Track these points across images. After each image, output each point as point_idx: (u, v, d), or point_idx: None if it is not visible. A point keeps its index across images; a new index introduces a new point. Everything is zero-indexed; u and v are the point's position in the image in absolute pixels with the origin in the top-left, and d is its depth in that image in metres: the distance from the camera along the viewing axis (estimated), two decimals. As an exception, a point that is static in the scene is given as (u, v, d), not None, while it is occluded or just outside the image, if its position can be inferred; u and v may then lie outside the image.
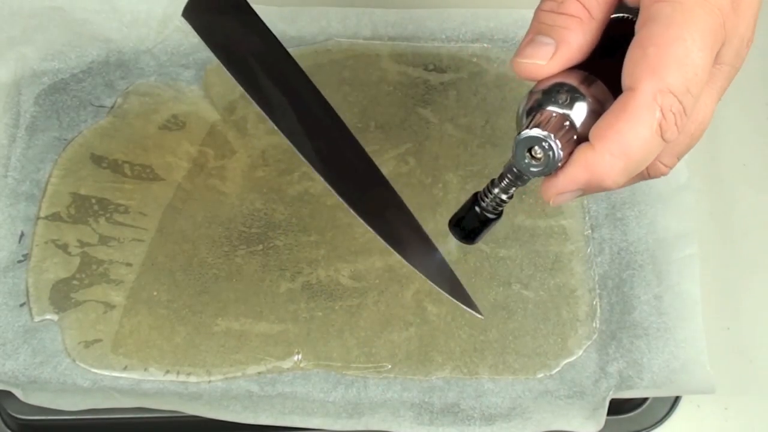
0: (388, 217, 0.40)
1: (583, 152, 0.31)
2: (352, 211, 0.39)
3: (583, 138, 0.31)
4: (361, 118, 0.55)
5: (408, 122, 0.56)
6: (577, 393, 0.47)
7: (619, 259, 0.51)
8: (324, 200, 0.53)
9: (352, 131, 0.42)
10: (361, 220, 0.39)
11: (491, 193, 0.35)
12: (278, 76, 0.41)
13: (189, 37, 0.58)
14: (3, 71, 0.55)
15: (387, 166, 0.54)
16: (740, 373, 0.50)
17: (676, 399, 0.49)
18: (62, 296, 0.49)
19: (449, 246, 0.40)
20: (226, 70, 0.40)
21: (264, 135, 0.55)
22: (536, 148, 0.31)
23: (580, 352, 0.49)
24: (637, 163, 0.31)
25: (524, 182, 0.33)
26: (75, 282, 0.50)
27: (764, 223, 0.55)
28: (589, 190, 0.32)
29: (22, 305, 0.49)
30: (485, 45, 0.59)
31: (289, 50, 0.57)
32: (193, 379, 0.47)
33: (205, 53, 0.57)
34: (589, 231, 0.52)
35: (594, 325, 0.50)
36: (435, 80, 0.57)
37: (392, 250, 0.39)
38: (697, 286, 0.49)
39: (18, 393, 0.45)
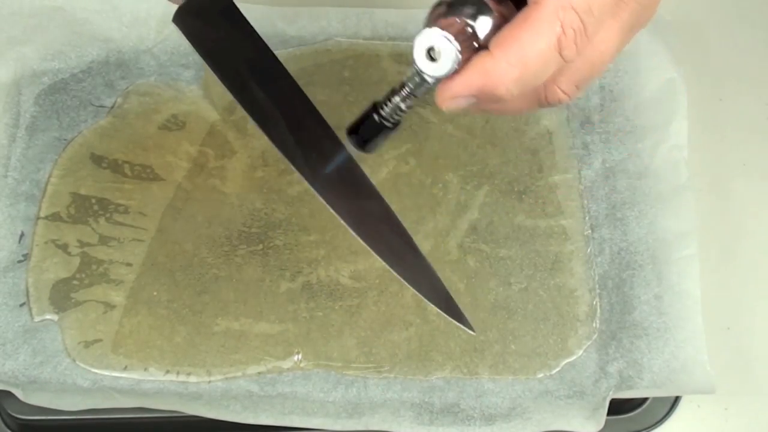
0: (378, 228, 0.41)
1: (480, 58, 0.32)
2: (342, 221, 0.40)
3: (483, 48, 0.32)
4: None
5: (408, 122, 0.56)
6: (577, 393, 0.47)
7: (619, 259, 0.51)
8: (324, 200, 0.53)
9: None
10: (352, 231, 0.40)
11: (391, 102, 0.35)
12: (268, 83, 0.41)
13: (189, 37, 0.58)
14: (3, 71, 0.55)
15: (387, 166, 0.54)
16: (740, 373, 0.50)
17: (676, 399, 0.49)
18: (62, 296, 0.49)
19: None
20: (217, 77, 0.40)
21: (264, 135, 0.55)
22: (435, 48, 0.32)
23: (580, 352, 0.49)
24: (533, 74, 0.31)
25: (423, 91, 0.34)
26: (75, 282, 0.50)
27: (764, 223, 0.55)
28: (482, 98, 0.32)
29: (22, 305, 0.49)
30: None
31: (289, 50, 0.58)
32: (193, 379, 0.47)
33: (205, 53, 0.57)
34: (589, 231, 0.52)
35: (594, 325, 0.50)
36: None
37: (382, 261, 0.40)
38: (697, 286, 0.49)
39: (18, 393, 0.45)
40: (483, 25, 0.32)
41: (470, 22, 0.32)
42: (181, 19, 0.42)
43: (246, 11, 0.43)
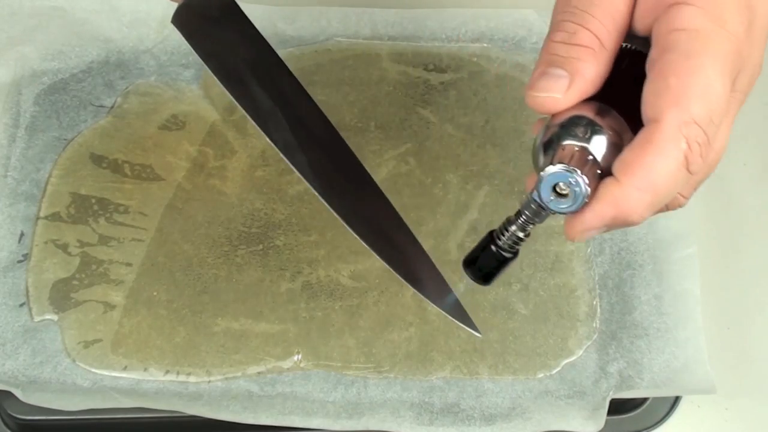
0: (382, 230, 0.40)
1: (609, 187, 0.30)
2: (345, 225, 0.39)
3: (604, 173, 0.31)
4: (361, 118, 0.55)
5: (408, 122, 0.56)
6: (577, 393, 0.47)
7: (619, 259, 0.51)
8: (324, 200, 0.53)
9: (352, 131, 0.42)
10: (356, 236, 0.39)
11: (507, 231, 0.33)
12: (270, 85, 0.40)
13: (189, 37, 0.58)
14: (3, 71, 0.55)
15: (387, 166, 0.54)
16: (740, 373, 0.50)
17: (676, 399, 0.49)
18: (62, 296, 0.49)
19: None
20: (216, 78, 0.40)
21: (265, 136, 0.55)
22: (562, 184, 0.30)
23: (580, 352, 0.49)
24: (664, 196, 0.30)
25: (542, 219, 0.32)
26: (75, 282, 0.50)
27: (764, 223, 0.55)
28: (613, 225, 0.31)
29: (22, 305, 0.49)
30: (485, 45, 0.59)
31: (289, 50, 0.58)
32: (193, 379, 0.47)
33: (205, 53, 0.57)
34: (589, 231, 0.52)
35: (594, 325, 0.50)
36: (435, 80, 0.57)
37: (387, 266, 0.39)
38: (697, 286, 0.49)
39: (18, 393, 0.45)
40: (600, 146, 0.31)
41: (587, 146, 0.30)
42: (179, 19, 0.41)
43: (245, 11, 0.43)
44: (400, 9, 0.59)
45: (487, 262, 0.34)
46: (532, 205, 0.32)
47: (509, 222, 0.33)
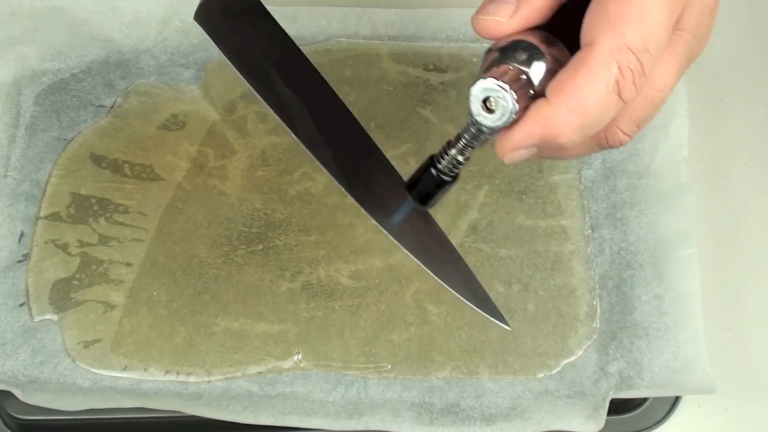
0: (410, 226, 0.40)
1: (538, 106, 0.31)
2: (372, 220, 0.38)
3: (539, 96, 0.31)
4: (361, 118, 0.54)
5: (408, 122, 0.56)
6: (577, 393, 0.47)
7: (619, 259, 0.51)
8: (324, 200, 0.53)
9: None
10: (382, 229, 0.39)
11: (447, 155, 0.34)
12: (294, 80, 0.40)
13: (189, 37, 0.58)
14: (3, 71, 0.55)
15: (387, 166, 0.54)
16: (740, 373, 0.50)
17: (676, 399, 0.49)
18: (62, 296, 0.49)
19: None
20: (239, 74, 0.39)
21: (264, 135, 0.55)
22: (491, 98, 0.31)
23: (580, 352, 0.49)
24: (594, 119, 0.30)
25: (481, 142, 0.33)
26: (75, 282, 0.50)
27: (764, 223, 0.55)
28: (543, 147, 0.32)
29: (21, 305, 0.49)
30: (485, 45, 0.58)
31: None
32: (193, 379, 0.47)
33: (205, 53, 0.57)
34: (589, 231, 0.52)
35: (594, 325, 0.50)
36: (435, 80, 0.57)
37: (417, 261, 0.39)
38: (697, 286, 0.49)
39: (18, 393, 0.45)
40: (537, 70, 0.31)
41: (524, 68, 0.31)
42: (201, 16, 0.41)
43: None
44: (400, 9, 0.59)
45: (427, 184, 0.35)
46: (471, 128, 0.32)
47: (449, 145, 0.34)
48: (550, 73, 0.31)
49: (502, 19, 0.32)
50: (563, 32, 0.32)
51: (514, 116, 0.31)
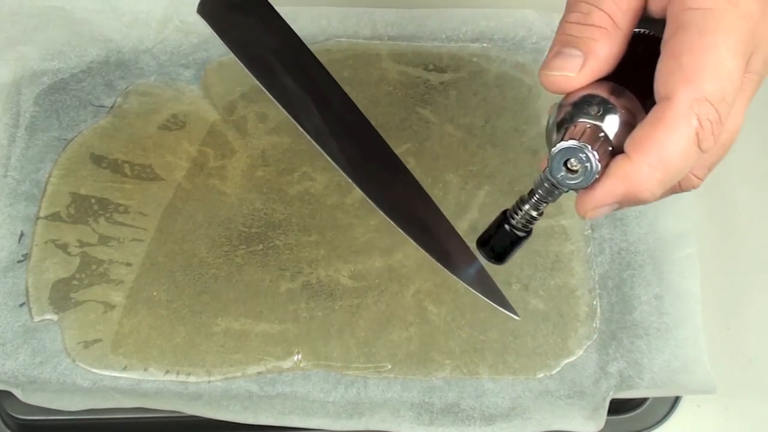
0: (418, 218, 0.40)
1: (620, 164, 0.30)
2: (380, 211, 0.38)
3: (616, 151, 0.31)
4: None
5: (408, 122, 0.56)
6: (578, 393, 0.47)
7: (619, 259, 0.51)
8: (324, 200, 0.53)
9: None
10: (391, 222, 0.38)
11: (521, 210, 0.34)
12: (298, 72, 0.40)
13: (189, 37, 0.58)
14: (3, 71, 0.55)
15: (387, 166, 0.54)
16: (740, 373, 0.50)
17: (676, 399, 0.49)
18: (62, 296, 0.49)
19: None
20: (243, 67, 0.39)
21: (264, 135, 0.55)
22: (573, 160, 0.31)
23: (581, 352, 0.49)
24: (675, 173, 0.30)
25: (555, 197, 0.33)
26: (75, 282, 0.50)
27: (764, 223, 0.55)
28: (625, 202, 0.32)
29: (21, 305, 0.49)
30: (485, 45, 0.59)
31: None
32: (193, 379, 0.47)
33: (205, 53, 0.57)
34: (589, 231, 0.52)
35: (594, 325, 0.50)
36: (435, 80, 0.57)
37: (427, 254, 0.39)
38: (697, 286, 0.49)
39: (18, 393, 0.45)
40: (612, 124, 0.31)
41: (600, 124, 0.31)
42: (205, 9, 0.41)
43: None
44: (400, 9, 0.59)
45: (501, 241, 0.35)
46: (546, 184, 0.32)
47: (522, 201, 0.34)
48: (624, 126, 0.31)
49: (571, 74, 0.31)
50: (627, 83, 0.32)
51: (596, 176, 0.31)
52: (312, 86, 0.40)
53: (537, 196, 0.33)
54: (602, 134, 0.31)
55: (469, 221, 0.52)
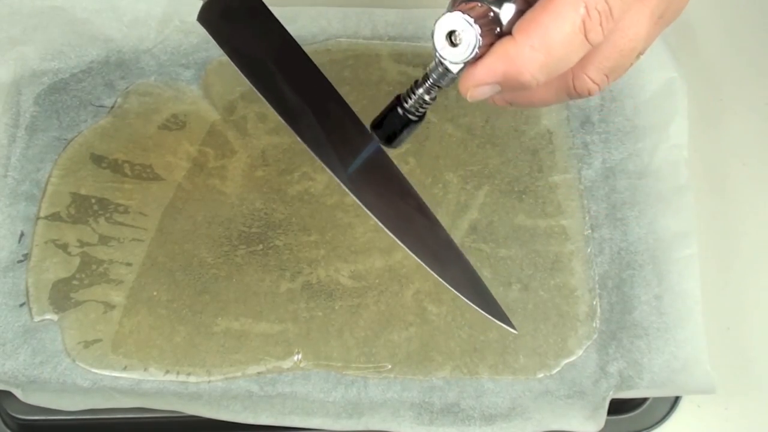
0: (413, 226, 0.40)
1: (503, 43, 0.31)
2: (374, 218, 0.39)
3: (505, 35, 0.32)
4: (361, 118, 0.55)
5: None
6: (577, 393, 0.47)
7: (619, 259, 0.51)
8: (324, 200, 0.53)
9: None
10: (386, 229, 0.39)
11: (414, 94, 0.35)
12: (297, 80, 0.40)
13: (189, 37, 0.58)
14: (3, 71, 0.55)
15: (387, 166, 0.54)
16: (740, 373, 0.50)
17: (676, 399, 0.49)
18: (62, 296, 0.49)
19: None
20: (243, 75, 0.39)
21: (264, 135, 0.55)
22: (456, 32, 0.31)
23: (580, 352, 0.49)
24: (558, 59, 0.31)
25: (447, 82, 0.33)
26: (75, 282, 0.50)
27: (764, 223, 0.55)
28: (506, 84, 0.32)
29: (22, 305, 0.49)
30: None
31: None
32: (193, 379, 0.47)
33: (205, 53, 0.57)
34: (589, 231, 0.52)
35: (594, 325, 0.50)
36: (435, 80, 0.57)
37: (418, 259, 0.39)
38: (697, 286, 0.49)
39: (18, 393, 0.45)
40: (506, 10, 0.31)
41: (493, 7, 0.31)
42: (205, 16, 0.41)
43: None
44: (400, 9, 0.59)
45: (393, 123, 0.36)
46: (439, 68, 0.33)
47: (416, 85, 0.35)
48: (520, 14, 0.31)
49: None
50: None
51: (477, 51, 0.31)
52: (309, 93, 0.40)
53: (430, 80, 0.34)
54: (492, 14, 0.31)
55: (469, 221, 0.52)
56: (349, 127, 0.40)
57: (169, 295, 0.50)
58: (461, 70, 0.32)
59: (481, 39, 0.31)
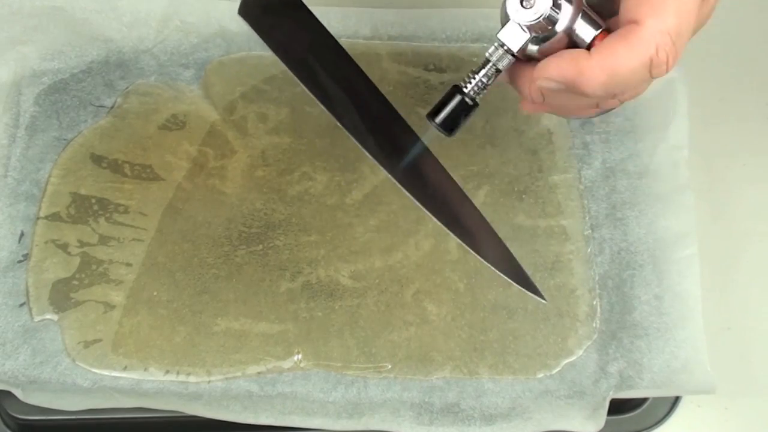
0: (455, 211, 0.42)
1: (579, 54, 0.34)
2: (417, 203, 0.41)
3: (571, 40, 0.35)
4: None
5: (408, 122, 0.55)
6: (578, 393, 0.47)
7: (619, 259, 0.51)
8: (324, 200, 0.53)
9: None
10: (431, 216, 0.41)
11: (474, 78, 0.37)
12: (336, 71, 0.42)
13: (189, 37, 0.58)
14: (3, 71, 0.55)
15: (387, 166, 0.54)
16: (740, 373, 0.50)
17: (676, 399, 0.49)
18: (62, 296, 0.49)
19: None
20: (288, 69, 0.41)
21: (264, 135, 0.55)
22: None
23: (581, 352, 0.49)
24: (618, 83, 0.34)
25: (506, 64, 0.36)
26: (75, 282, 0.50)
27: (764, 223, 0.55)
28: (568, 87, 0.35)
29: (22, 305, 0.49)
30: (485, 45, 0.59)
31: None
32: (193, 379, 0.47)
33: (205, 53, 0.57)
34: (589, 231, 0.52)
35: (594, 325, 0.50)
36: (435, 80, 0.57)
37: (463, 244, 0.41)
38: (697, 286, 0.49)
39: (18, 393, 0.45)
40: (566, 11, 0.35)
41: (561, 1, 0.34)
42: (246, 10, 0.42)
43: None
44: (400, 9, 0.59)
45: (455, 110, 0.38)
46: (499, 50, 0.36)
47: (474, 72, 0.37)
48: (584, 16, 0.35)
49: None
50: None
51: (542, 20, 0.34)
52: (348, 84, 0.43)
53: (491, 62, 0.36)
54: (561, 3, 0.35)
55: (469, 221, 0.52)
56: (387, 116, 0.43)
57: (169, 295, 0.50)
58: (522, 48, 0.35)
59: (551, 11, 0.34)
